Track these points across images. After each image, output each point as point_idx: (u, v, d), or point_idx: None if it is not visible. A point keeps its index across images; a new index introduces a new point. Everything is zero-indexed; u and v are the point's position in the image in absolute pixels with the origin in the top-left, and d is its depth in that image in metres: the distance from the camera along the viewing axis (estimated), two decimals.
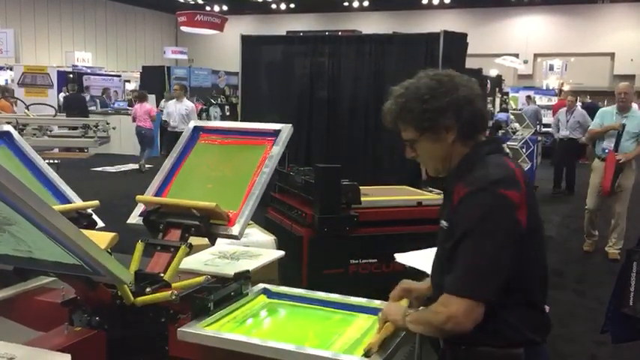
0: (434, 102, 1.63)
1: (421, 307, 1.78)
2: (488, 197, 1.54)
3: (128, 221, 2.37)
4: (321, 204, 3.97)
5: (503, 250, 1.52)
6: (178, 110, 10.51)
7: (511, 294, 1.57)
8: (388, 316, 1.76)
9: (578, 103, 12.58)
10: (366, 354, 1.69)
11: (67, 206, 2.35)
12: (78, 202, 2.45)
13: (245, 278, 2.19)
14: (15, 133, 2.60)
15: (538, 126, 14.48)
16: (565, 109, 10.38)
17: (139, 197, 2.36)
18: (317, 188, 4.05)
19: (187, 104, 10.80)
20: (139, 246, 2.19)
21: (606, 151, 6.17)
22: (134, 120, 12.81)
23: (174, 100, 10.96)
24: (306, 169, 4.63)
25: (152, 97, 16.09)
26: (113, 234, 1.87)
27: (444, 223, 1.69)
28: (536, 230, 1.63)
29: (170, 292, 1.90)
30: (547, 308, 1.77)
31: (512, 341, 1.61)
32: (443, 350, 1.72)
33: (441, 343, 1.73)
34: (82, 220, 2.32)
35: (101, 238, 1.85)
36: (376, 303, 2.08)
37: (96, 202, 2.44)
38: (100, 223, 2.44)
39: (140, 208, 2.39)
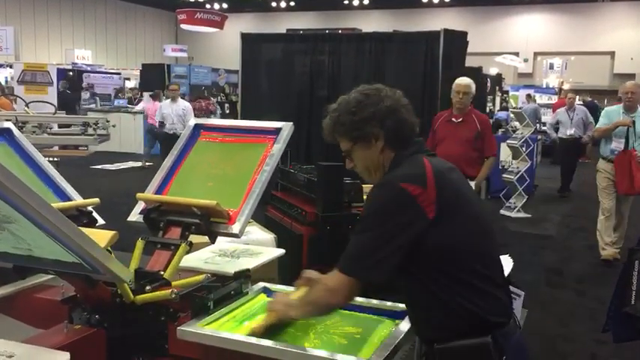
0: (360, 113, 1.78)
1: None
2: (386, 189, 1.70)
3: (128, 219, 2.37)
4: (323, 202, 3.97)
5: (391, 237, 1.64)
6: (175, 111, 10.07)
7: (453, 280, 1.65)
8: (272, 309, 1.87)
9: (579, 101, 12.56)
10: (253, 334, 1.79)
11: (68, 204, 2.35)
12: (78, 200, 2.45)
13: (245, 277, 2.18)
14: (15, 130, 2.60)
15: (537, 125, 14.48)
16: (564, 108, 10.32)
17: (139, 195, 2.36)
18: (319, 186, 4.05)
19: (184, 104, 10.42)
20: (139, 244, 2.18)
21: (615, 152, 6.00)
22: (146, 118, 12.72)
23: (168, 101, 10.40)
24: (308, 167, 4.63)
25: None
26: (113, 232, 1.87)
27: None
28: (453, 224, 1.68)
29: (170, 290, 1.89)
30: (518, 292, 1.82)
31: (477, 328, 1.65)
32: (425, 352, 1.76)
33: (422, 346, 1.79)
34: (82, 217, 2.32)
35: (101, 237, 1.84)
36: (374, 302, 2.08)
37: (96, 200, 2.43)
38: (101, 221, 2.44)
39: (140, 205, 2.38)
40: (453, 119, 5.19)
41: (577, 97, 11.18)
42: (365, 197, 1.96)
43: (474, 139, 5.07)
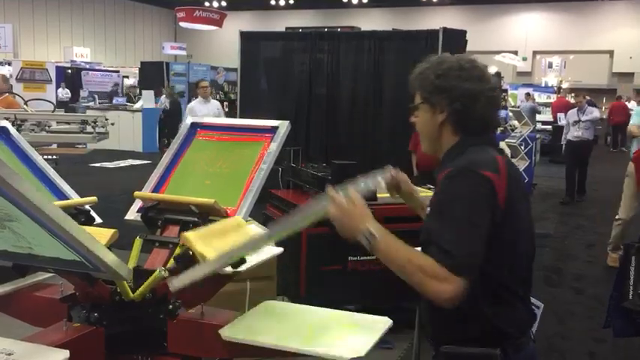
0: (442, 79, 1.69)
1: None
2: (466, 176, 1.58)
3: (126, 217, 2.36)
4: None
5: (478, 224, 1.53)
6: (211, 112, 8.63)
7: (484, 284, 1.57)
8: (342, 211, 1.67)
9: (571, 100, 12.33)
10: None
11: (65, 202, 2.34)
12: (76, 199, 2.45)
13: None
14: (12, 129, 2.59)
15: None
16: (575, 109, 9.56)
17: (136, 193, 2.35)
18: (334, 185, 4.07)
19: (216, 104, 9.24)
20: (137, 242, 2.18)
21: None
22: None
23: (199, 101, 8.93)
24: (321, 165, 4.63)
25: (150, 93, 16.10)
26: (113, 230, 1.87)
27: (428, 208, 1.72)
28: (515, 220, 1.62)
29: (158, 269, 1.87)
30: (538, 303, 1.79)
31: (490, 337, 1.61)
32: (434, 355, 1.72)
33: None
34: (79, 216, 2.32)
35: (102, 235, 1.84)
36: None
37: (94, 199, 2.43)
38: (98, 219, 2.43)
39: (138, 204, 2.38)
40: None
41: (586, 96, 10.18)
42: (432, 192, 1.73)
43: None
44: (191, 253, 1.83)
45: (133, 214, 2.36)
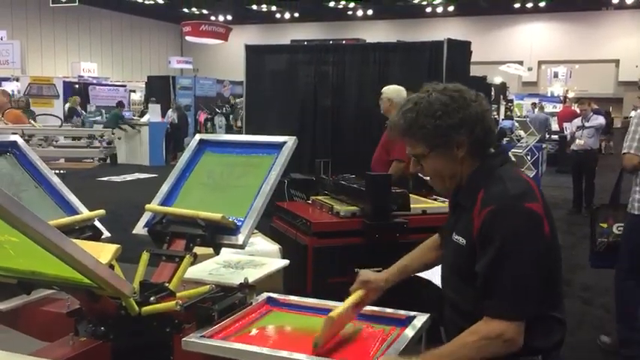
0: (447, 118, 1.63)
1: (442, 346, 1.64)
2: (516, 214, 1.56)
3: (133, 232, 2.38)
4: (372, 211, 4.03)
5: (539, 266, 1.56)
6: None
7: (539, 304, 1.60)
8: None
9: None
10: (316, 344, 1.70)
11: (73, 218, 2.36)
12: (84, 213, 2.46)
13: (249, 287, 2.19)
14: (22, 143, 2.61)
15: (547, 135, 14.31)
16: (580, 117, 9.36)
17: (147, 206, 2.38)
18: (368, 195, 4.10)
19: None
20: (144, 256, 2.19)
21: None
22: None
23: None
24: (349, 177, 4.68)
25: (157, 107, 16.19)
26: (117, 246, 1.87)
27: (459, 238, 1.69)
28: (555, 238, 1.65)
29: (175, 301, 1.90)
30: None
31: (533, 350, 1.62)
32: None
33: None
34: (87, 230, 2.33)
35: (105, 251, 1.85)
36: (388, 311, 2.07)
37: (102, 212, 2.44)
38: (106, 234, 2.45)
39: (145, 218, 2.40)
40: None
41: (591, 104, 9.78)
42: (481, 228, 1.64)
43: (386, 142, 5.15)
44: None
45: (140, 229, 2.37)
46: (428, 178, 1.83)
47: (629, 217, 4.01)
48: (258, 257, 2.78)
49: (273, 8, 26.50)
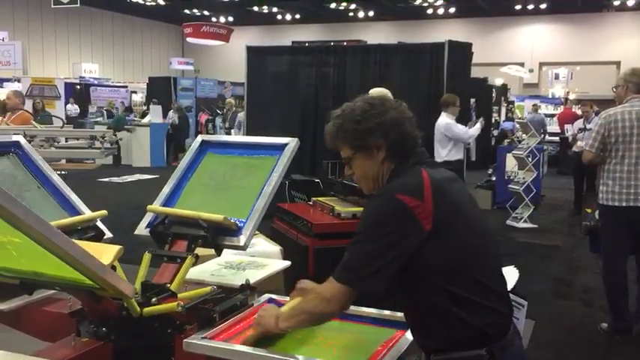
0: (365, 123, 1.77)
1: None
2: (381, 200, 1.73)
3: (135, 232, 2.38)
4: None
5: (387, 248, 1.65)
6: None
7: (451, 293, 1.65)
8: (260, 323, 1.85)
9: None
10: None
11: (76, 218, 2.37)
12: (87, 213, 2.47)
13: (251, 289, 2.20)
14: (25, 143, 2.62)
15: (543, 135, 14.38)
16: (582, 119, 9.33)
17: (149, 207, 2.39)
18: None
19: None
20: (146, 257, 2.20)
21: None
22: None
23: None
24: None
25: (159, 108, 16.20)
26: (119, 247, 1.88)
27: None
28: (455, 229, 1.69)
29: (176, 303, 1.91)
30: (521, 301, 1.92)
31: (474, 340, 1.66)
32: None
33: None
34: (89, 230, 2.34)
35: (107, 252, 1.85)
36: (386, 313, 2.08)
37: (104, 212, 2.45)
38: (108, 234, 2.45)
39: (147, 219, 2.40)
40: None
41: (593, 106, 9.68)
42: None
43: None
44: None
45: (142, 230, 2.37)
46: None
47: (597, 206, 4.43)
48: (259, 258, 2.79)
49: (275, 10, 26.52)
